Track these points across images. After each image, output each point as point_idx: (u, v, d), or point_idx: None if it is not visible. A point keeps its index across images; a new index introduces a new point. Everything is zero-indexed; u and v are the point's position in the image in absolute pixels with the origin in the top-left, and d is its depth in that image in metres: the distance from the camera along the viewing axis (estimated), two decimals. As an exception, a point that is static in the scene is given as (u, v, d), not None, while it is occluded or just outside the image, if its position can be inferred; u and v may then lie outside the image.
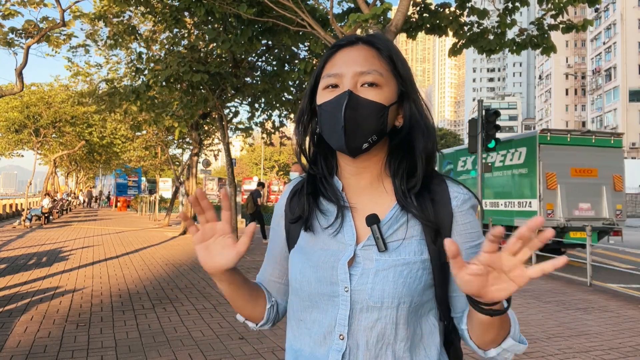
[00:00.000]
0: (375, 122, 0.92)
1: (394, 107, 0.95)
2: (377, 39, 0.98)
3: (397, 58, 0.97)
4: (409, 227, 0.94)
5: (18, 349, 4.24)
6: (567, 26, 7.71)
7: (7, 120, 24.26)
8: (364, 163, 0.98)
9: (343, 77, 0.93)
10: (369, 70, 0.92)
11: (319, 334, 0.94)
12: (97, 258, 10.03)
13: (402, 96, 0.97)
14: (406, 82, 0.97)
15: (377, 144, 0.95)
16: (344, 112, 0.90)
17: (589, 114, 70.49)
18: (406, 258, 0.90)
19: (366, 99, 0.91)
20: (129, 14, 11.45)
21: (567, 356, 4.27)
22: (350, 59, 0.94)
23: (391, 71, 0.95)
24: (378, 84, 0.92)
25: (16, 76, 9.37)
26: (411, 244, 0.92)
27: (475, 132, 10.76)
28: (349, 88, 0.91)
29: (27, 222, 18.98)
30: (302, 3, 7.29)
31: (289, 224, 1.03)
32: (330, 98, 0.93)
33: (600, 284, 7.94)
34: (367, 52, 0.95)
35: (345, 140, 0.91)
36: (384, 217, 0.95)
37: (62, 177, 44.71)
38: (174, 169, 24.45)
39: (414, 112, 0.97)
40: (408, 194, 0.95)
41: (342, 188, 1.00)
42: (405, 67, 0.97)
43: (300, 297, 0.97)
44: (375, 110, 0.91)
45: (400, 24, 6.19)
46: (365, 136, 0.92)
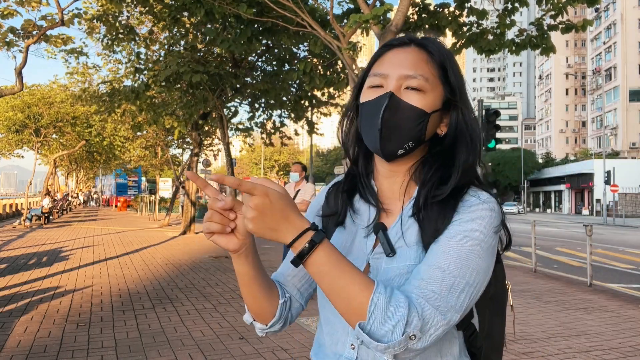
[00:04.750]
0: (414, 128, 0.89)
1: (436, 114, 0.92)
2: (431, 43, 0.95)
3: (449, 65, 0.93)
4: (414, 233, 0.91)
5: (18, 349, 4.24)
6: (566, 26, 7.71)
7: (7, 120, 24.27)
8: (398, 167, 0.96)
9: (388, 78, 0.91)
10: (415, 75, 0.90)
11: (333, 338, 0.94)
12: (97, 258, 10.03)
13: (449, 104, 0.94)
14: (455, 90, 0.93)
15: (414, 150, 0.93)
16: (382, 114, 0.88)
17: (589, 113, 70.50)
18: (410, 265, 0.88)
19: (407, 103, 0.89)
20: (126, 14, 11.45)
21: (567, 356, 4.27)
22: (399, 61, 0.92)
23: (439, 77, 0.92)
24: (422, 90, 0.90)
25: (16, 76, 9.36)
26: (417, 250, 0.89)
27: (475, 132, 10.76)
28: (392, 90, 0.89)
29: (27, 222, 18.98)
30: (302, 3, 7.29)
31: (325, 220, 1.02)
32: (372, 98, 0.91)
33: (600, 284, 7.94)
34: (417, 55, 0.92)
35: (381, 144, 0.90)
36: (393, 222, 0.94)
37: (62, 177, 44.73)
38: (174, 169, 24.47)
39: (460, 122, 0.93)
40: (426, 202, 0.90)
41: (378, 191, 0.99)
42: (456, 75, 0.94)
43: (320, 294, 0.97)
44: (415, 115, 0.89)
45: (401, 24, 6.19)
46: (402, 142, 0.90)
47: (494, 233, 0.88)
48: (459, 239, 0.85)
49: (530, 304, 6.35)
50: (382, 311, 0.76)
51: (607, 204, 37.04)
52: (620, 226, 30.38)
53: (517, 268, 9.75)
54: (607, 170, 33.90)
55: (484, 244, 0.86)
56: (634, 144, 58.63)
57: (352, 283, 0.78)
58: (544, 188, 64.73)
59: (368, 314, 0.76)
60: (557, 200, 62.56)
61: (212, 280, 7.70)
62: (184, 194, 19.37)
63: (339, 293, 0.79)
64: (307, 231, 0.80)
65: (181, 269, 8.79)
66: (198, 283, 7.43)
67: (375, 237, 0.93)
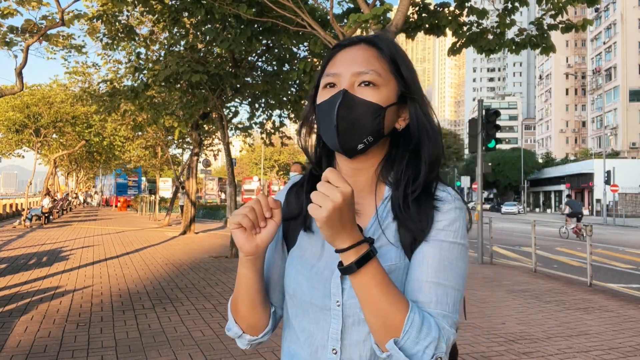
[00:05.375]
0: (371, 123, 0.90)
1: (392, 108, 0.93)
2: (380, 40, 0.96)
3: (400, 59, 0.94)
4: (393, 232, 0.91)
5: (18, 349, 4.24)
6: (566, 26, 7.70)
7: (7, 120, 24.27)
8: (360, 164, 0.96)
9: (340, 77, 0.91)
10: (367, 70, 0.90)
11: (312, 346, 0.93)
12: (97, 258, 10.03)
13: (404, 98, 0.94)
14: (409, 83, 0.94)
15: (373, 145, 0.93)
16: (336, 111, 0.88)
17: (589, 113, 70.50)
18: (392, 265, 0.89)
19: (361, 99, 0.89)
20: (127, 14, 11.45)
21: (567, 356, 4.27)
22: (350, 59, 0.92)
23: (392, 72, 0.93)
24: (375, 84, 0.90)
25: (16, 76, 9.36)
26: (397, 249, 0.90)
27: (475, 132, 10.77)
28: (345, 87, 0.90)
29: (27, 222, 18.99)
30: (302, 3, 7.29)
31: (286, 223, 1.00)
32: (327, 97, 0.91)
33: (600, 284, 7.94)
34: (367, 52, 0.93)
35: (339, 140, 0.89)
36: (368, 222, 0.93)
37: (62, 177, 44.73)
38: (174, 169, 24.47)
39: (419, 114, 0.94)
40: (406, 201, 0.91)
41: None
42: (408, 68, 0.95)
43: (294, 303, 0.96)
44: (371, 110, 0.89)
45: (401, 24, 6.19)
46: (360, 137, 0.90)
47: (466, 233, 0.93)
48: (447, 248, 0.88)
49: (530, 304, 6.35)
50: (416, 331, 0.80)
51: (607, 204, 37.04)
52: (620, 226, 30.37)
53: (517, 268, 9.75)
54: (607, 170, 33.90)
55: (465, 247, 0.91)
56: (634, 144, 58.62)
57: (392, 300, 0.81)
58: (544, 188, 64.72)
59: (403, 332, 0.79)
60: (557, 200, 62.55)
61: (212, 280, 7.70)
62: (184, 194, 19.37)
63: (378, 308, 0.81)
64: (365, 242, 0.82)
65: (181, 269, 8.79)
66: (198, 283, 7.43)
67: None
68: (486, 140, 10.76)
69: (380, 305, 0.81)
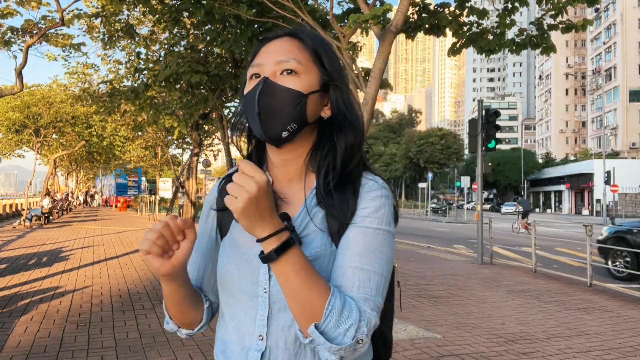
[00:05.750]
0: (292, 110, 0.91)
1: (315, 96, 0.94)
2: (302, 32, 0.99)
3: (322, 50, 0.97)
4: (319, 221, 0.94)
5: (18, 349, 4.23)
6: (566, 26, 7.71)
7: (7, 120, 24.27)
8: (289, 155, 0.98)
9: (263, 66, 0.94)
10: (287, 59, 0.93)
11: (240, 332, 0.95)
12: (97, 258, 10.03)
13: (328, 87, 0.96)
14: (331, 73, 0.97)
15: (299, 133, 0.94)
16: (257, 98, 0.90)
17: (589, 114, 70.50)
18: (317, 252, 0.91)
19: (281, 85, 0.91)
20: (126, 14, 11.45)
21: (567, 356, 4.27)
22: (272, 50, 0.95)
23: (314, 62, 0.96)
24: (297, 72, 0.93)
25: (16, 76, 9.37)
26: (322, 237, 0.92)
27: (475, 132, 10.77)
28: (267, 75, 0.92)
29: (27, 222, 18.98)
30: (302, 3, 7.29)
31: (220, 214, 1.03)
32: (250, 87, 0.94)
33: (600, 284, 7.94)
34: (289, 43, 0.96)
35: (262, 127, 0.91)
36: (297, 211, 0.95)
37: (62, 177, 44.74)
38: (174, 169, 24.47)
39: (340, 102, 0.96)
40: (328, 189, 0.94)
41: (272, 182, 1.00)
42: (330, 58, 0.98)
43: (225, 290, 0.99)
44: (291, 97, 0.91)
45: (400, 24, 6.18)
46: (283, 124, 0.91)
47: (393, 219, 0.95)
48: (372, 234, 0.90)
49: (530, 304, 6.35)
50: (337, 315, 0.82)
51: (607, 204, 37.04)
52: (620, 226, 30.31)
53: (517, 268, 9.75)
54: (607, 171, 33.90)
55: (390, 233, 0.93)
56: (634, 144, 58.63)
57: (313, 286, 0.83)
58: (544, 188, 64.72)
59: (323, 317, 0.81)
60: (557, 201, 62.55)
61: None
62: (184, 194, 19.37)
63: (299, 294, 0.83)
64: (285, 230, 0.84)
65: (181, 269, 8.78)
66: (198, 283, 7.43)
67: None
68: (486, 141, 10.76)
69: (301, 292, 0.82)
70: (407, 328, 5.00)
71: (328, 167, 0.95)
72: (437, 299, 6.50)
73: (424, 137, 65.51)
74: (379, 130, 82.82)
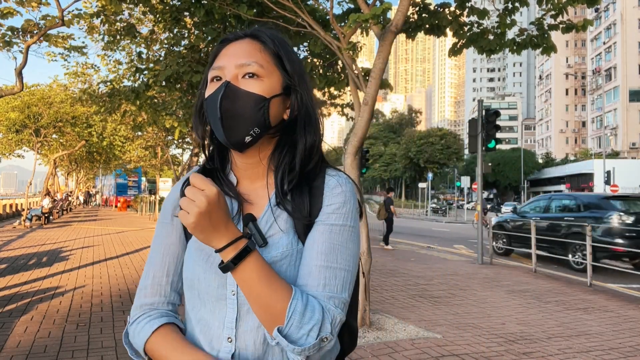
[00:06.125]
0: (255, 114, 0.91)
1: (278, 100, 0.94)
2: (263, 34, 0.98)
3: (283, 52, 0.97)
4: (284, 220, 0.94)
5: (18, 349, 4.23)
6: (566, 26, 7.70)
7: (7, 120, 24.27)
8: (253, 158, 0.98)
9: (224, 70, 0.93)
10: (249, 62, 0.92)
11: (207, 335, 0.94)
12: (97, 258, 10.03)
13: (289, 90, 0.96)
14: (292, 75, 0.96)
15: (261, 137, 0.94)
16: (219, 103, 0.89)
17: (589, 114, 70.50)
18: (284, 252, 0.91)
19: (244, 90, 0.91)
20: (127, 13, 11.45)
21: (567, 356, 4.27)
22: (234, 52, 0.94)
23: (276, 64, 0.95)
24: (258, 75, 0.92)
25: (16, 76, 9.36)
26: (288, 236, 0.93)
27: (475, 132, 10.77)
28: (229, 79, 0.91)
29: (27, 222, 18.98)
30: (302, 3, 7.29)
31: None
32: (212, 91, 0.93)
33: (600, 284, 7.94)
34: (250, 45, 0.95)
35: (225, 133, 0.90)
36: (262, 212, 0.96)
37: (62, 177, 44.74)
38: (174, 169, 24.47)
39: (300, 105, 0.97)
40: (285, 190, 0.95)
41: (237, 183, 1.00)
42: (291, 60, 0.97)
43: (191, 294, 0.98)
44: (254, 101, 0.90)
45: (401, 24, 6.18)
46: (246, 128, 0.91)
47: (358, 215, 0.96)
48: (337, 231, 0.91)
49: (530, 304, 6.35)
50: (299, 317, 0.83)
51: (607, 204, 36.97)
52: (620, 226, 30.33)
53: (517, 268, 9.75)
54: (607, 171, 33.91)
55: (355, 229, 0.94)
56: (634, 144, 58.62)
57: (275, 290, 0.84)
58: (544, 188, 64.69)
59: (286, 320, 0.82)
60: (557, 201, 62.47)
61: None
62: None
63: (261, 299, 0.84)
64: (242, 238, 0.85)
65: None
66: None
67: (243, 229, 0.94)
68: (486, 141, 10.75)
69: (262, 297, 0.83)
70: (407, 328, 5.00)
71: (285, 168, 0.96)
72: (437, 299, 6.50)
73: (424, 137, 65.49)
74: (379, 130, 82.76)
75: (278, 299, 0.83)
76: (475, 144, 10.80)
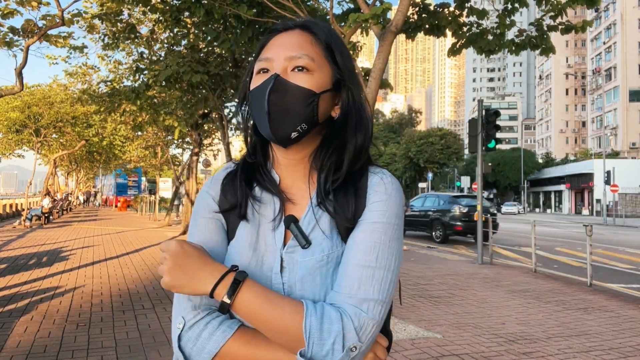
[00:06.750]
0: (303, 109, 0.87)
1: (327, 95, 0.90)
2: (315, 25, 0.93)
3: (335, 45, 0.92)
4: (327, 221, 0.90)
5: (18, 349, 4.24)
6: (566, 27, 7.71)
7: (7, 120, 24.28)
8: (296, 155, 0.94)
9: (273, 62, 0.89)
10: (300, 54, 0.88)
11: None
12: (97, 258, 10.03)
13: (340, 86, 0.93)
14: (343, 70, 0.92)
15: (308, 133, 0.90)
16: (267, 97, 0.85)
17: (589, 113, 70.51)
18: (329, 254, 0.87)
19: (293, 84, 0.86)
20: (127, 14, 11.46)
21: (567, 356, 4.27)
22: (283, 43, 0.90)
23: (326, 58, 0.91)
24: (309, 69, 0.88)
25: (16, 76, 9.36)
26: (332, 238, 0.89)
27: (475, 132, 10.77)
28: (278, 72, 0.87)
29: (27, 222, 18.98)
30: (302, 4, 7.29)
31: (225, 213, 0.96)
32: (259, 83, 0.89)
33: (600, 284, 7.94)
34: (301, 37, 0.91)
35: (271, 128, 0.87)
36: (303, 213, 0.92)
37: (62, 177, 44.74)
38: (174, 169, 24.48)
39: (350, 102, 0.93)
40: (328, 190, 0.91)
41: (280, 181, 0.96)
42: (343, 54, 0.93)
43: None
44: (303, 96, 0.86)
45: (401, 24, 6.18)
46: (293, 124, 0.87)
47: (402, 212, 0.91)
48: (380, 229, 0.87)
49: (530, 304, 6.35)
50: (317, 332, 0.78)
51: (607, 204, 37.04)
52: (620, 226, 30.37)
53: (517, 268, 9.75)
54: (607, 171, 33.91)
55: (399, 227, 0.89)
56: (634, 144, 58.62)
57: (283, 312, 0.79)
58: (544, 188, 64.72)
59: (305, 339, 0.77)
60: (557, 201, 62.55)
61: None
62: (184, 195, 19.37)
63: (273, 327, 0.80)
64: (228, 273, 0.81)
65: (181, 269, 8.78)
66: (198, 283, 7.42)
67: (285, 229, 0.91)
68: (486, 141, 10.76)
69: (273, 323, 0.79)
70: (407, 328, 5.00)
71: (330, 168, 0.92)
72: (437, 299, 6.50)
73: (424, 137, 65.47)
74: (379, 130, 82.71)
75: (290, 320, 0.78)
76: (475, 144, 10.80)
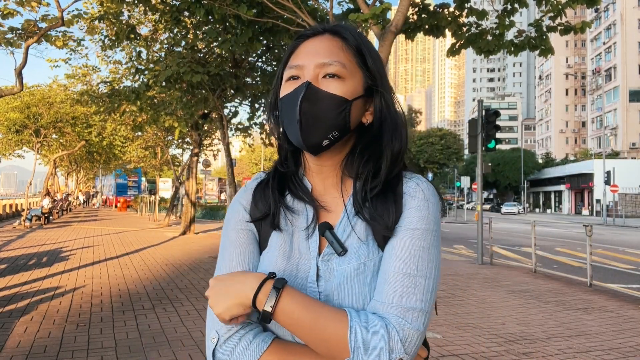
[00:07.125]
0: (336, 117, 0.85)
1: (359, 102, 0.89)
2: (345, 30, 0.91)
3: (366, 50, 0.91)
4: (363, 228, 0.88)
5: (18, 349, 4.24)
6: (565, 28, 7.71)
7: (7, 120, 24.28)
8: (327, 162, 0.92)
9: (304, 69, 0.87)
10: (331, 61, 0.86)
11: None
12: (97, 258, 10.03)
13: (371, 91, 0.91)
14: (375, 76, 0.90)
15: (339, 141, 0.89)
16: (299, 105, 0.84)
17: (589, 114, 70.49)
18: (366, 261, 0.86)
19: (326, 92, 0.85)
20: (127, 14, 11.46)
21: (567, 356, 4.28)
22: (314, 50, 0.88)
23: (358, 64, 0.89)
24: (340, 76, 0.86)
25: (16, 76, 9.35)
26: (368, 245, 0.87)
27: (475, 132, 10.78)
28: (309, 79, 0.86)
29: (27, 222, 18.98)
30: (302, 4, 7.30)
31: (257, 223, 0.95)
32: (289, 90, 0.87)
33: (600, 284, 7.94)
34: (332, 42, 0.89)
35: (302, 136, 0.85)
36: (337, 220, 0.90)
37: (62, 178, 44.74)
38: (174, 169, 24.47)
39: (384, 108, 0.91)
40: (366, 197, 0.89)
41: (312, 188, 0.94)
42: (375, 60, 0.91)
43: None
44: (336, 103, 0.85)
45: (400, 24, 6.19)
46: (325, 132, 0.85)
47: (439, 218, 0.90)
48: (419, 236, 0.85)
49: (530, 304, 6.35)
50: (363, 342, 0.75)
51: (607, 204, 37.03)
52: (620, 226, 30.37)
53: (517, 268, 9.76)
54: (607, 171, 33.90)
55: (437, 232, 0.88)
56: (634, 144, 58.62)
57: (326, 321, 0.77)
58: (544, 188, 64.71)
59: (351, 349, 0.75)
60: (557, 201, 62.54)
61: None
62: (184, 195, 19.38)
63: (316, 335, 0.77)
64: (267, 280, 0.80)
65: (181, 269, 8.79)
66: (198, 283, 7.43)
67: (320, 237, 0.89)
68: (486, 141, 10.76)
69: (317, 331, 0.77)
70: (407, 328, 4.99)
71: (367, 176, 0.90)
72: (437, 299, 6.49)
73: (423, 137, 65.47)
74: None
75: (333, 328, 0.76)
76: (475, 144, 10.81)
